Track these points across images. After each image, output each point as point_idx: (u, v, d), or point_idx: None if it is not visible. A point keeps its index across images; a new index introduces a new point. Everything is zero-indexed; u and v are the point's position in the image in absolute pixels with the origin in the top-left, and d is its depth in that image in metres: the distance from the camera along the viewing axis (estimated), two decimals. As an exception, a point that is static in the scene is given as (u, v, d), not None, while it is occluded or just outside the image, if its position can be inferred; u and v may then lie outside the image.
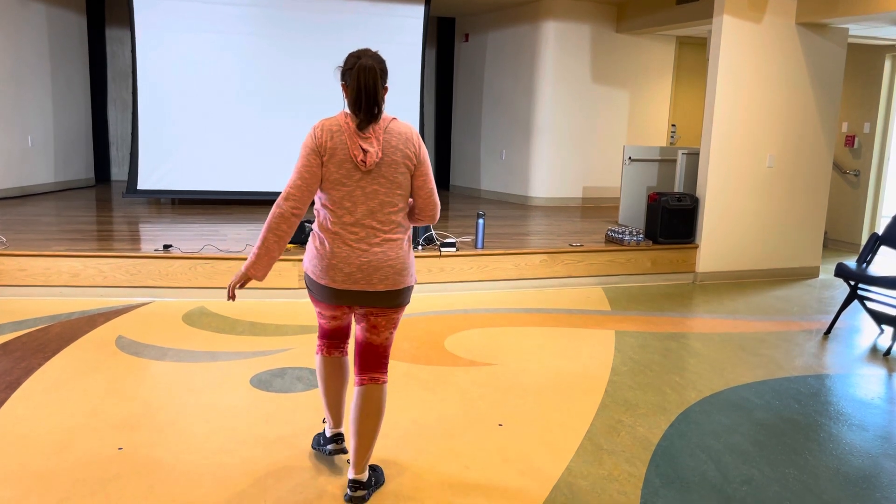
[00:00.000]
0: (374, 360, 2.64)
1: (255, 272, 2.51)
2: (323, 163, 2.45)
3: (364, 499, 2.63)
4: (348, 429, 3.03)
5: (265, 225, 2.50)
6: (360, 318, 2.62)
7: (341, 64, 2.54)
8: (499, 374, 4.00)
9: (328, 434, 2.92)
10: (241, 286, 2.54)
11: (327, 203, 2.49)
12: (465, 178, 10.36)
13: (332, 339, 2.80)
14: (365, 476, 2.65)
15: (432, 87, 10.91)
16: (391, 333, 2.65)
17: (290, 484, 2.74)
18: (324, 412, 2.90)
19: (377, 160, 2.44)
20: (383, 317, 2.59)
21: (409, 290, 2.60)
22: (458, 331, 4.77)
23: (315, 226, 2.56)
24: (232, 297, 2.52)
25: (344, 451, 2.89)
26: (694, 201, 6.45)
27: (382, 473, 2.80)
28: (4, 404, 3.37)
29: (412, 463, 2.94)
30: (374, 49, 2.54)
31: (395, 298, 2.56)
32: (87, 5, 9.44)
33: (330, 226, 2.49)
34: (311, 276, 2.55)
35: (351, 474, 2.64)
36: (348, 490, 2.64)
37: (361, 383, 2.64)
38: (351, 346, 4.03)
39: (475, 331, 4.79)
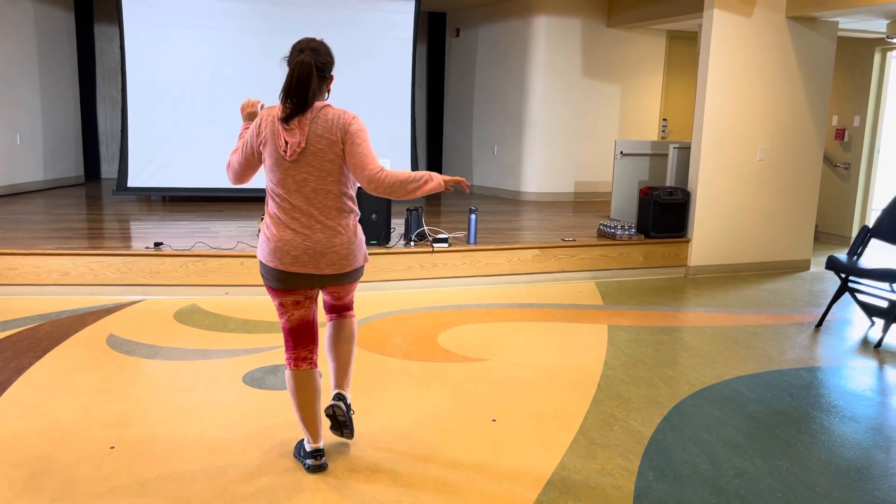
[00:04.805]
0: (342, 308, 2.93)
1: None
2: (259, 148, 2.60)
3: (345, 411, 2.84)
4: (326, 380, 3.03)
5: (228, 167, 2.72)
6: (321, 290, 2.80)
7: (287, 55, 2.60)
8: (492, 369, 4.01)
9: (308, 448, 2.81)
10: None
11: (270, 188, 2.62)
12: (457, 174, 10.35)
13: (300, 347, 2.71)
14: (347, 392, 2.92)
15: (424, 82, 10.88)
16: (352, 295, 2.90)
17: (283, 481, 2.73)
18: (300, 426, 2.80)
19: (299, 150, 2.50)
20: (342, 289, 2.80)
21: (358, 269, 2.72)
22: (451, 326, 4.77)
23: (266, 211, 2.66)
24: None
25: (324, 468, 2.80)
26: (685, 195, 6.46)
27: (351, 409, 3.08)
28: (-5, 404, 3.35)
29: (406, 458, 2.94)
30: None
31: (345, 279, 2.69)
32: (76, 2, 9.37)
33: (275, 210, 2.59)
34: (262, 259, 2.62)
35: (334, 389, 2.91)
36: (332, 400, 2.86)
37: (333, 319, 2.93)
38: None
39: (468, 326, 4.79)
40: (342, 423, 2.85)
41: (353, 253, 2.63)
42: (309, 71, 2.46)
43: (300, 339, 2.72)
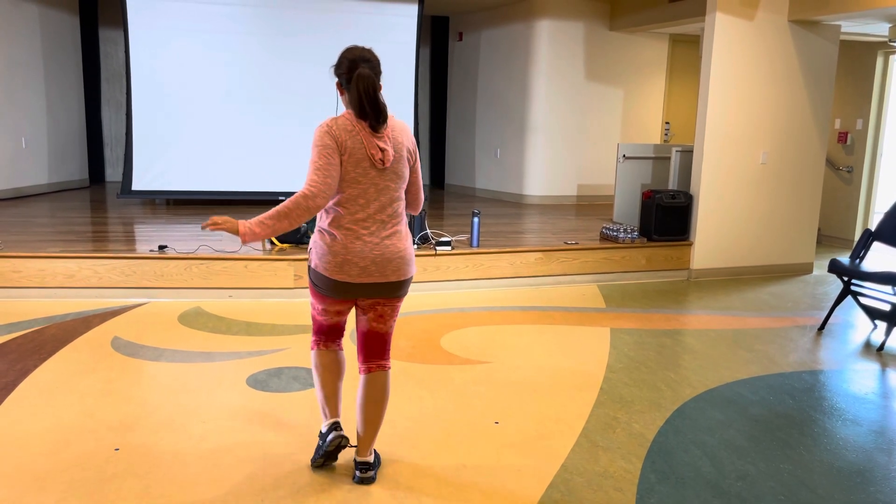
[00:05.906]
0: (378, 348, 2.76)
1: (250, 238, 2.48)
2: (342, 161, 2.51)
3: (373, 479, 2.78)
4: (353, 419, 3.04)
5: (284, 209, 2.44)
6: (367, 308, 2.71)
7: (335, 63, 2.60)
8: (495, 371, 4.02)
9: (325, 428, 2.84)
10: (219, 230, 2.49)
11: (340, 200, 2.55)
12: (460, 177, 10.37)
13: (329, 335, 2.84)
14: (371, 458, 2.80)
15: (427, 85, 10.91)
16: (394, 321, 2.78)
17: (287, 483, 2.75)
18: (320, 408, 2.87)
19: (393, 158, 2.57)
20: (389, 306, 2.71)
21: (411, 279, 2.74)
22: (455, 329, 4.78)
23: (323, 224, 2.60)
24: (208, 226, 2.42)
25: (345, 439, 2.81)
26: (688, 198, 6.47)
27: (378, 454, 2.95)
28: (0, 406, 3.36)
29: (409, 461, 2.95)
30: (368, 45, 2.66)
31: (402, 287, 2.69)
32: (80, 6, 9.42)
33: (343, 223, 2.55)
34: (323, 273, 2.58)
35: (357, 458, 2.79)
36: (357, 472, 2.77)
37: (369, 370, 2.75)
38: (349, 354, 4.02)
39: (471, 329, 4.80)
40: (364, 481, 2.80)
41: (412, 259, 2.70)
42: (375, 83, 2.51)
43: (331, 334, 2.83)
